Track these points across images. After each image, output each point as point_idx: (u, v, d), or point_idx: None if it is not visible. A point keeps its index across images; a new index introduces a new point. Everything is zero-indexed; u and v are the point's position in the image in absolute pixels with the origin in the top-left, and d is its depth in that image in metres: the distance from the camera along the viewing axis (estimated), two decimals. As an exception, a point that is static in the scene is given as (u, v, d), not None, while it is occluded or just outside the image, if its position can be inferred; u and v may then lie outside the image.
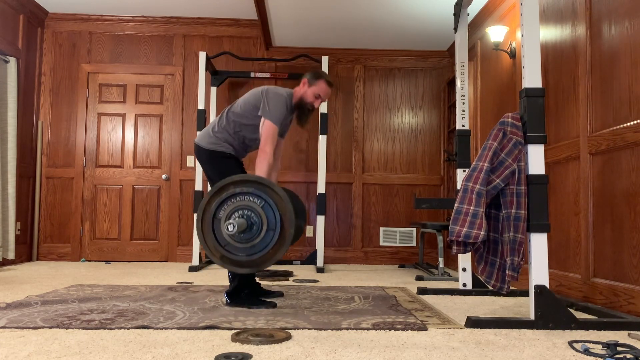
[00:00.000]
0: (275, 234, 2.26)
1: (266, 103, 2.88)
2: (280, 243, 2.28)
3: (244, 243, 2.25)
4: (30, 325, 2.21)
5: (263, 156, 2.78)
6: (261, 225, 2.24)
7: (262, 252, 2.25)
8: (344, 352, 1.86)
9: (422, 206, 3.48)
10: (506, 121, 2.47)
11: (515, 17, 4.03)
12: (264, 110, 2.88)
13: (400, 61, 5.81)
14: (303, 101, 3.01)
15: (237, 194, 2.29)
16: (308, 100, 3.01)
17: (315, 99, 3.01)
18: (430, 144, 5.77)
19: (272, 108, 2.87)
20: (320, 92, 3.01)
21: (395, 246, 5.65)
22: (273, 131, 2.85)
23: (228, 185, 2.33)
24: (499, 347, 1.99)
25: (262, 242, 2.26)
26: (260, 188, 2.32)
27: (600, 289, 2.84)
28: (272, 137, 2.84)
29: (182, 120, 5.53)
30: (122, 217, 5.44)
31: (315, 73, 3.05)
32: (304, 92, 3.02)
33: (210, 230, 2.28)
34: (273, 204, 2.28)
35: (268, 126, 2.84)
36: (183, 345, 1.94)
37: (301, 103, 3.02)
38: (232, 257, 2.27)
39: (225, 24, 5.59)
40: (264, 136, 2.84)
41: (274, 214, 2.27)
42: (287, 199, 2.31)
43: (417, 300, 3.09)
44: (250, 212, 2.26)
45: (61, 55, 5.52)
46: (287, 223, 2.28)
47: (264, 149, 2.81)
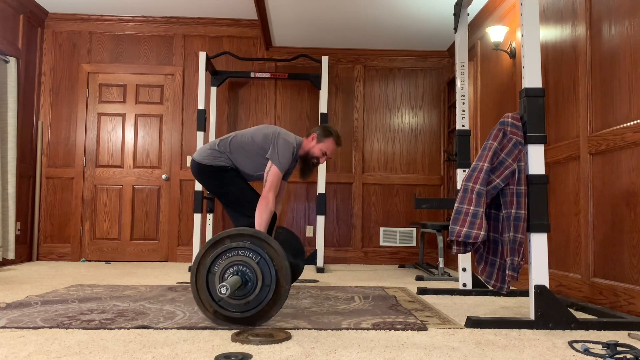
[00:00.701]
0: (271, 290, 2.23)
1: (276, 149, 2.95)
2: (275, 299, 2.25)
3: (238, 299, 2.21)
4: (30, 325, 2.21)
5: (264, 203, 2.84)
6: (256, 282, 2.21)
7: (257, 309, 2.22)
8: (344, 352, 1.86)
9: (422, 206, 3.48)
10: (506, 121, 2.47)
11: (515, 17, 4.03)
12: (272, 155, 2.95)
13: (400, 61, 5.81)
14: (309, 155, 3.11)
15: (232, 249, 2.25)
16: (314, 155, 3.11)
17: (322, 155, 3.11)
18: (430, 144, 5.77)
19: (281, 155, 2.94)
20: (328, 150, 3.12)
21: (395, 246, 5.65)
22: (278, 178, 2.92)
23: (224, 238, 2.30)
24: (499, 347, 1.99)
25: (257, 298, 2.22)
26: (256, 242, 2.28)
27: (600, 289, 2.84)
28: (276, 184, 2.92)
29: (182, 120, 5.53)
30: (122, 217, 5.44)
31: (326, 130, 3.13)
32: (312, 147, 3.10)
33: (204, 284, 2.24)
34: (269, 259, 2.24)
35: (274, 172, 2.91)
36: (183, 345, 1.94)
37: (307, 157, 3.12)
38: (225, 313, 2.23)
39: (225, 24, 5.60)
40: (268, 182, 2.90)
41: (269, 270, 2.24)
42: (284, 255, 2.28)
43: (417, 300, 3.09)
44: (245, 268, 2.22)
45: (61, 55, 5.52)
46: (282, 279, 2.25)
47: (267, 196, 2.86)
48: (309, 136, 3.15)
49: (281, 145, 2.96)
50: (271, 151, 2.96)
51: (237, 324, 2.24)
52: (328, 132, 3.12)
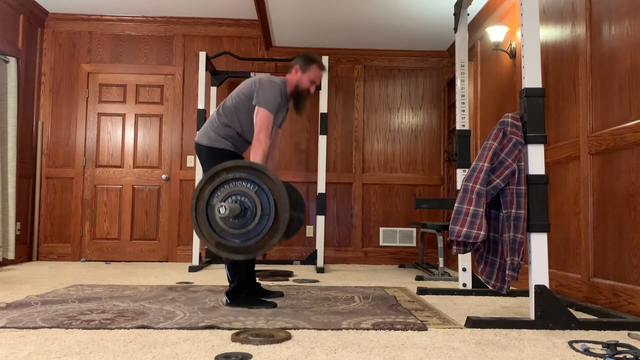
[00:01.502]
0: (270, 218, 2.24)
1: (259, 91, 2.84)
2: (275, 228, 2.26)
3: (238, 229, 2.23)
4: (30, 325, 2.21)
5: (257, 144, 2.74)
6: (255, 211, 2.22)
7: (257, 238, 2.23)
8: (344, 352, 1.86)
9: (422, 206, 3.48)
10: (506, 121, 2.47)
11: (515, 17, 4.03)
12: (257, 98, 2.83)
13: (400, 61, 5.81)
14: (299, 88, 2.98)
15: (229, 180, 2.27)
16: (304, 87, 2.98)
17: (310, 85, 2.99)
18: (430, 144, 5.77)
19: (266, 96, 2.83)
20: (315, 77, 2.99)
21: (395, 246, 5.65)
22: (267, 119, 2.80)
23: (220, 171, 2.31)
24: (499, 347, 1.99)
25: (257, 227, 2.23)
26: (253, 173, 2.30)
27: (600, 289, 2.84)
28: (267, 125, 2.79)
29: (182, 120, 5.53)
30: (122, 217, 5.44)
31: (306, 58, 3.01)
32: (298, 79, 2.98)
33: (205, 217, 2.26)
34: (267, 188, 2.26)
35: (262, 114, 2.80)
36: (183, 345, 1.94)
37: (297, 90, 2.99)
38: (227, 243, 2.25)
39: (225, 24, 5.60)
40: (258, 124, 2.79)
41: (267, 199, 2.25)
42: (281, 184, 2.29)
43: (417, 300, 3.09)
44: (244, 198, 2.23)
45: (61, 55, 5.52)
46: (281, 208, 2.26)
47: (259, 137, 2.76)
48: (291, 70, 3.02)
49: (266, 87, 2.85)
50: (255, 96, 2.85)
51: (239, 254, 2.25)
52: (309, 59, 3.00)
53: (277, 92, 2.87)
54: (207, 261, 5.06)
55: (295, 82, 2.98)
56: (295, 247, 5.55)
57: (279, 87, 2.89)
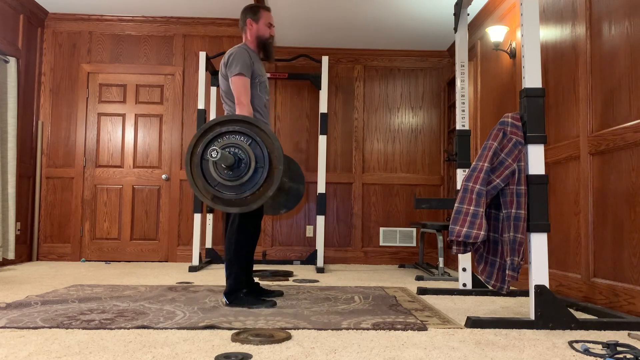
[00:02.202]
0: (264, 170, 2.26)
1: (228, 65, 2.87)
2: (269, 181, 2.28)
3: (233, 181, 2.24)
4: (30, 325, 2.21)
5: (240, 108, 2.76)
6: (249, 162, 2.24)
7: (252, 190, 2.25)
8: (344, 352, 1.86)
9: (422, 206, 3.48)
10: (506, 121, 2.47)
11: (515, 17, 4.03)
12: (228, 71, 2.87)
13: (400, 61, 5.81)
14: (261, 38, 3.03)
15: (223, 134, 2.28)
16: (265, 35, 3.03)
17: (269, 28, 3.04)
18: (430, 144, 5.77)
19: (233, 62, 2.85)
20: (269, 19, 3.05)
21: (395, 246, 5.65)
22: (243, 82, 2.81)
23: (214, 125, 2.32)
24: (499, 347, 1.99)
25: (251, 179, 2.25)
26: (247, 127, 2.31)
27: (600, 289, 2.83)
28: (244, 88, 2.80)
29: (182, 120, 5.53)
30: (122, 217, 5.44)
31: (251, 8, 3.05)
32: (256, 30, 3.02)
33: (200, 172, 2.27)
34: (260, 141, 2.27)
35: (235, 80, 2.81)
36: (183, 345, 1.94)
37: (261, 41, 3.03)
38: (222, 196, 2.26)
39: (225, 24, 5.59)
40: (235, 91, 2.81)
41: (262, 151, 2.26)
42: (275, 137, 2.31)
43: (417, 300, 3.09)
44: (238, 150, 2.25)
45: (61, 55, 5.52)
46: (275, 160, 2.28)
47: (239, 101, 2.77)
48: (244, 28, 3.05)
49: (233, 56, 2.87)
50: (227, 70, 2.88)
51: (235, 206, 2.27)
52: (254, 7, 3.05)
53: (242, 54, 2.89)
54: (207, 261, 5.06)
55: (255, 34, 3.03)
56: (295, 247, 5.55)
57: (242, 49, 2.93)
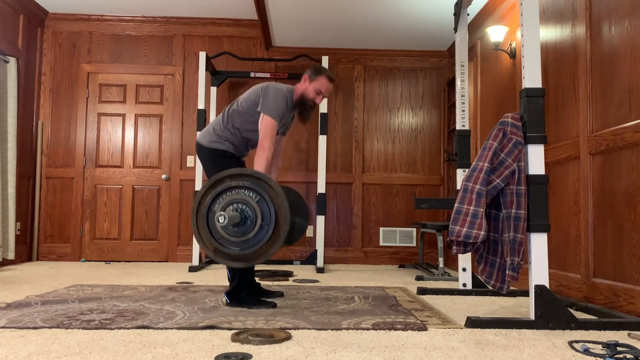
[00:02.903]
0: (270, 229, 2.24)
1: (265, 98, 2.84)
2: (274, 239, 2.26)
3: (237, 237, 2.23)
4: (30, 325, 2.21)
5: (261, 151, 2.75)
6: (255, 220, 2.23)
7: (256, 247, 2.24)
8: (344, 352, 1.86)
9: (422, 206, 3.48)
10: (506, 121, 2.47)
11: (515, 17, 4.03)
12: (263, 105, 2.84)
13: (400, 61, 5.81)
14: (304, 98, 2.96)
15: (232, 188, 2.27)
16: (309, 97, 2.96)
17: (316, 95, 2.96)
18: (430, 144, 5.77)
19: (271, 103, 2.83)
20: (322, 87, 2.96)
21: (395, 246, 5.65)
22: (272, 126, 2.81)
23: (224, 178, 2.32)
24: (499, 347, 1.99)
25: (256, 236, 2.24)
26: (256, 182, 2.30)
27: (600, 289, 2.84)
28: (271, 133, 2.80)
29: (182, 120, 5.53)
30: (122, 217, 5.44)
31: (316, 69, 3.00)
32: (305, 88, 2.97)
33: (205, 223, 2.26)
34: (268, 198, 2.26)
35: (267, 121, 2.80)
36: (183, 345, 1.94)
37: (302, 100, 2.97)
38: (225, 250, 2.25)
39: (225, 24, 5.59)
40: (262, 131, 2.80)
41: (268, 209, 2.25)
42: (283, 195, 2.29)
43: (417, 300, 3.09)
44: (245, 206, 2.24)
45: (61, 55, 5.52)
46: (282, 219, 2.27)
47: (262, 144, 2.77)
48: (302, 77, 3.02)
49: (271, 94, 2.85)
50: (261, 103, 2.85)
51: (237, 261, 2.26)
52: (319, 70, 3.00)
53: (282, 99, 2.87)
54: (207, 261, 5.06)
55: (302, 91, 2.98)
56: (295, 247, 5.55)
57: (284, 94, 2.90)
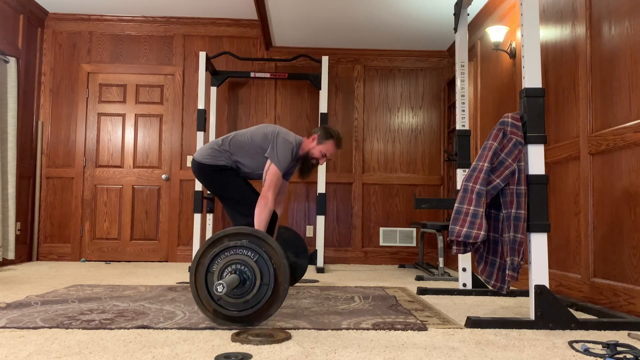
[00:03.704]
0: (269, 289, 2.24)
1: (275, 147, 2.95)
2: (274, 298, 2.26)
3: (236, 298, 2.22)
4: (30, 325, 2.21)
5: (264, 202, 2.84)
6: (254, 280, 2.22)
7: (255, 308, 2.23)
8: (344, 352, 1.86)
9: (422, 206, 3.48)
10: (506, 121, 2.47)
11: (515, 17, 4.03)
12: (271, 153, 2.94)
13: (400, 61, 5.81)
14: (309, 156, 3.11)
15: (230, 247, 2.26)
16: (314, 156, 3.10)
17: (321, 157, 3.11)
18: (430, 144, 5.77)
19: (280, 154, 2.93)
20: (328, 152, 3.11)
21: (395, 246, 5.65)
22: (277, 177, 2.91)
23: (222, 237, 2.31)
24: (499, 347, 1.99)
25: (255, 297, 2.23)
26: (254, 241, 2.29)
27: (600, 289, 2.84)
28: (276, 183, 2.90)
29: (182, 120, 5.53)
30: (122, 217, 5.44)
31: (327, 132, 3.12)
32: (312, 147, 3.10)
33: (204, 283, 2.25)
34: (267, 257, 2.25)
35: (273, 171, 2.90)
36: (183, 345, 1.94)
37: (307, 157, 3.11)
38: (224, 312, 2.24)
39: (225, 24, 5.59)
40: (267, 181, 2.89)
41: (268, 269, 2.25)
42: (282, 254, 2.28)
43: (417, 300, 3.09)
44: (244, 267, 2.23)
45: (61, 55, 5.52)
46: (281, 277, 2.26)
47: (266, 195, 2.85)
48: (310, 137, 3.15)
49: (280, 145, 2.95)
50: (270, 150, 2.96)
51: (236, 323, 2.25)
52: (329, 134, 3.12)
53: (289, 151, 2.99)
54: (207, 261, 5.06)
55: (308, 149, 3.11)
56: (295, 247, 5.54)
57: (292, 147, 3.01)
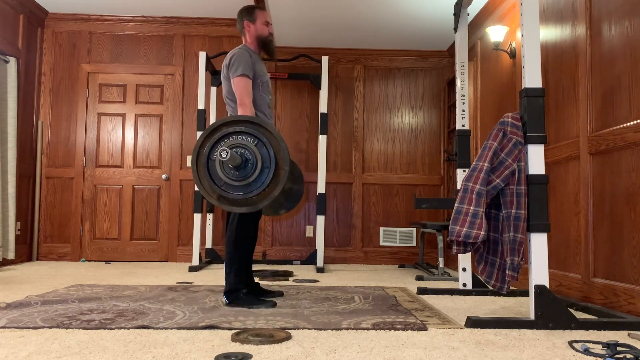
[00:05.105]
0: (270, 171, 2.27)
1: (229, 66, 2.90)
2: (276, 181, 2.30)
3: (240, 181, 2.26)
4: (30, 325, 2.21)
5: (242, 109, 2.78)
6: (256, 163, 2.25)
7: (258, 190, 2.26)
8: (344, 352, 1.86)
9: (422, 206, 3.48)
10: (506, 121, 2.47)
11: (515, 17, 4.03)
12: (230, 72, 2.89)
13: (400, 61, 5.81)
14: (261, 38, 3.06)
15: (229, 134, 2.30)
16: (264, 34, 3.06)
17: (267, 26, 3.08)
18: (430, 144, 5.77)
19: (235, 64, 2.88)
20: (265, 18, 3.09)
21: (395, 246, 5.65)
22: (245, 83, 2.84)
23: (220, 126, 2.34)
24: (499, 347, 1.99)
25: (258, 179, 2.26)
26: (253, 127, 2.33)
27: (600, 289, 2.84)
28: (246, 89, 2.83)
29: (182, 120, 5.53)
30: (122, 217, 5.44)
31: (247, 9, 3.09)
32: (254, 31, 3.05)
33: (206, 171, 2.28)
34: (266, 141, 2.29)
35: (237, 81, 2.84)
36: (183, 345, 1.94)
37: (261, 40, 3.06)
38: (229, 196, 2.27)
39: (225, 24, 5.59)
40: (237, 92, 2.83)
41: (268, 152, 2.28)
42: (281, 137, 2.33)
43: (417, 300, 3.09)
44: (244, 150, 2.27)
45: (61, 55, 5.52)
46: (281, 161, 2.30)
47: (242, 102, 2.80)
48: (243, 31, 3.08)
49: (232, 59, 2.90)
50: (228, 71, 2.91)
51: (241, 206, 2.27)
52: (249, 8, 3.09)
53: (243, 55, 2.92)
54: (207, 261, 5.06)
55: (254, 35, 3.06)
56: (295, 247, 5.55)
57: (243, 50, 2.96)
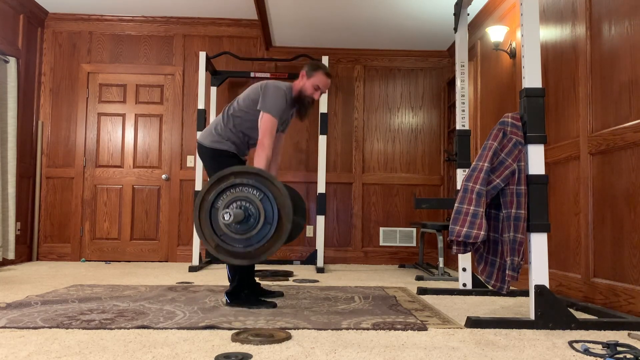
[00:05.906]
0: (272, 227, 2.27)
1: (265, 96, 2.86)
2: (277, 237, 2.28)
3: (240, 234, 2.25)
4: (30, 325, 2.21)
5: (261, 149, 2.76)
6: (258, 218, 2.24)
7: (258, 245, 2.26)
8: (344, 352, 1.86)
9: (422, 206, 3.48)
10: (506, 121, 2.47)
11: (515, 17, 4.03)
12: (262, 103, 2.85)
13: (400, 61, 5.81)
14: (302, 94, 2.99)
15: (236, 185, 2.29)
16: (307, 93, 2.98)
17: (314, 91, 2.98)
18: (430, 144, 5.77)
19: (271, 101, 2.85)
20: (319, 83, 2.98)
21: (395, 246, 5.65)
22: (271, 124, 2.82)
23: (228, 175, 2.33)
24: (499, 347, 1.99)
25: (259, 234, 2.26)
26: (260, 180, 2.32)
27: (600, 289, 2.84)
28: (271, 130, 2.81)
29: (182, 120, 5.53)
30: (122, 217, 5.43)
31: (313, 65, 3.03)
32: (302, 84, 2.99)
33: (208, 219, 2.28)
34: (272, 197, 2.28)
35: (266, 119, 2.82)
36: (183, 345, 1.94)
37: (301, 96, 2.99)
38: (227, 247, 2.27)
39: (225, 24, 5.59)
40: (262, 129, 2.81)
41: (272, 208, 2.27)
42: (287, 194, 2.31)
43: (417, 300, 3.09)
44: (249, 204, 2.26)
45: (61, 55, 5.52)
46: (284, 217, 2.29)
47: (262, 142, 2.78)
48: (299, 75, 3.04)
49: (270, 92, 2.87)
50: (261, 101, 2.87)
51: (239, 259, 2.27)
52: (316, 66, 3.02)
53: (281, 97, 2.89)
54: (207, 261, 5.06)
55: (300, 87, 3.00)
56: (295, 247, 5.55)
57: (283, 92, 2.91)
